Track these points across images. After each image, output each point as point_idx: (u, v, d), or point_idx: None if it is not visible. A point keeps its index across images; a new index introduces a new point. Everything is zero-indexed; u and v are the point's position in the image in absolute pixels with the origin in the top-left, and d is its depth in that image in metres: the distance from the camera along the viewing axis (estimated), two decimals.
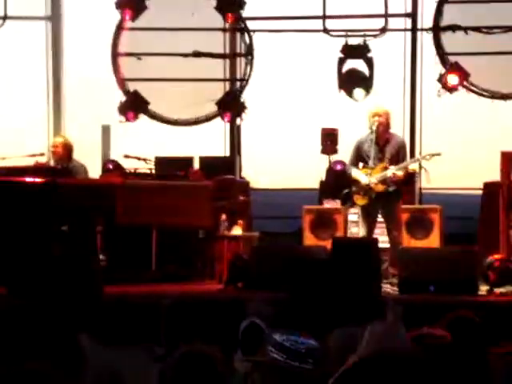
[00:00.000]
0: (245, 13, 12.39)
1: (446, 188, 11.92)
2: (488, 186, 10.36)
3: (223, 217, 10.20)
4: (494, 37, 11.88)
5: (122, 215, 9.08)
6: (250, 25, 12.60)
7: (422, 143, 12.30)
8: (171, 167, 10.67)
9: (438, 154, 9.19)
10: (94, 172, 10.70)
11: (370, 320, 3.26)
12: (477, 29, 11.82)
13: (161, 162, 10.95)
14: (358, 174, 9.16)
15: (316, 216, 10.52)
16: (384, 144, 9.13)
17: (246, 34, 12.59)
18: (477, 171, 11.32)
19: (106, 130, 12.00)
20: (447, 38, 12.06)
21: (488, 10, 11.92)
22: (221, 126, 12.73)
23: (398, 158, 9.10)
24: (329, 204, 10.77)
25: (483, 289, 8.54)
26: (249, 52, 12.58)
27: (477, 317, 4.34)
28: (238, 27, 12.59)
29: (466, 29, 11.83)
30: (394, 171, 8.97)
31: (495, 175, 10.06)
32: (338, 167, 10.90)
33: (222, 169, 11.29)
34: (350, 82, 11.81)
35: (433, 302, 7.77)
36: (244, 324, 5.00)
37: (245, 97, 12.40)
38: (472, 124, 12.09)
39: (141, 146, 11.45)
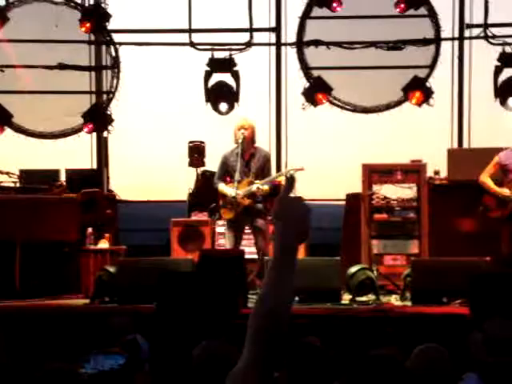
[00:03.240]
0: (110, 25, 12.33)
1: (310, 199, 12.14)
2: (350, 198, 10.63)
3: (89, 230, 10.11)
4: (356, 52, 12.21)
5: None
6: (116, 37, 12.55)
7: (287, 156, 12.51)
8: (36, 180, 10.49)
9: (302, 169, 9.35)
10: None
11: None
12: (338, 44, 12.14)
13: (26, 175, 10.74)
14: (225, 188, 9.20)
15: (184, 228, 10.55)
16: (249, 158, 9.20)
17: (112, 47, 12.53)
18: (340, 183, 11.58)
19: None
20: (310, 53, 12.34)
21: (349, 26, 12.26)
22: (88, 139, 12.61)
23: (263, 171, 9.17)
24: (197, 216, 10.82)
25: (346, 298, 8.76)
26: (115, 65, 12.52)
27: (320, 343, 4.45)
28: (103, 40, 12.52)
29: (328, 44, 12.13)
30: (259, 186, 9.01)
31: (357, 187, 10.34)
32: None
33: (89, 182, 11.17)
34: (217, 95, 11.92)
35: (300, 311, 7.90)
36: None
37: (112, 109, 12.33)
38: (335, 136, 12.39)
39: (5, 160, 11.20)
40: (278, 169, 11.44)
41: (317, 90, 11.83)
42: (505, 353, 4.09)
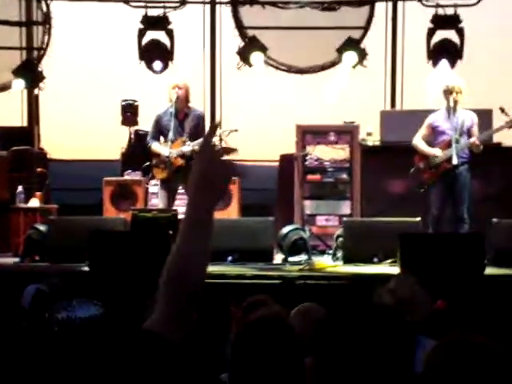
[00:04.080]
0: None
1: (244, 160, 12.15)
2: (284, 159, 10.65)
3: (20, 188, 9.96)
4: (291, 12, 12.18)
5: None
6: None
7: (222, 116, 12.46)
8: None
9: (235, 130, 9.32)
10: None
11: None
12: (273, 3, 12.08)
13: None
14: (158, 148, 9.13)
15: (116, 188, 10.47)
16: (183, 118, 9.12)
17: (43, 2, 12.28)
18: (274, 143, 11.60)
19: None
20: (245, 12, 12.26)
21: None
22: (18, 96, 12.38)
23: (197, 131, 9.08)
24: (129, 176, 10.74)
25: (278, 258, 8.81)
26: (46, 20, 12.27)
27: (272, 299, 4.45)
28: None
29: (263, 3, 12.06)
30: (191, 147, 8.94)
31: (291, 147, 10.37)
32: None
33: (20, 139, 10.99)
34: (150, 53, 11.78)
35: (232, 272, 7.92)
36: (31, 290, 4.88)
37: (43, 66, 12.10)
38: (270, 97, 12.37)
39: None
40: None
41: (251, 50, 11.76)
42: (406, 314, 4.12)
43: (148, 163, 9.65)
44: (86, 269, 7.72)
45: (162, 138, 9.20)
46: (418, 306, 4.14)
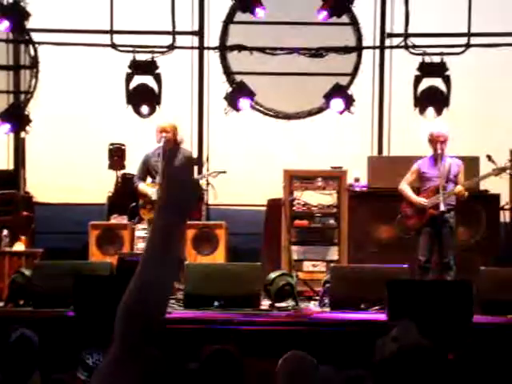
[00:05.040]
0: (30, 24, 12.09)
1: (231, 204, 12.16)
2: (271, 203, 10.63)
3: (5, 232, 9.89)
4: (279, 58, 12.25)
5: None
6: (36, 37, 12.32)
7: (209, 160, 12.45)
8: None
9: (224, 172, 9.33)
10: None
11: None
12: (261, 49, 12.15)
13: None
14: (145, 188, 9.12)
15: (102, 231, 10.41)
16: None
17: (31, 46, 12.31)
18: (261, 188, 11.59)
19: None
20: (233, 58, 12.33)
21: (272, 31, 12.29)
22: (5, 139, 12.35)
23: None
24: (116, 220, 10.69)
25: (265, 303, 8.75)
26: (34, 64, 12.29)
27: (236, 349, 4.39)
28: (22, 39, 12.28)
29: (250, 49, 12.13)
30: None
31: (279, 192, 10.36)
32: None
33: (5, 183, 10.95)
34: (138, 97, 11.80)
35: (218, 317, 7.86)
36: (14, 335, 4.81)
37: (30, 110, 12.09)
38: (257, 142, 12.40)
39: None
40: (200, 172, 11.39)
41: (239, 95, 11.80)
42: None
43: (135, 204, 9.63)
44: (72, 314, 7.64)
45: (149, 179, 9.19)
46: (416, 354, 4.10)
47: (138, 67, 11.95)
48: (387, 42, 12.59)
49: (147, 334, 1.91)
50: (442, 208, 8.77)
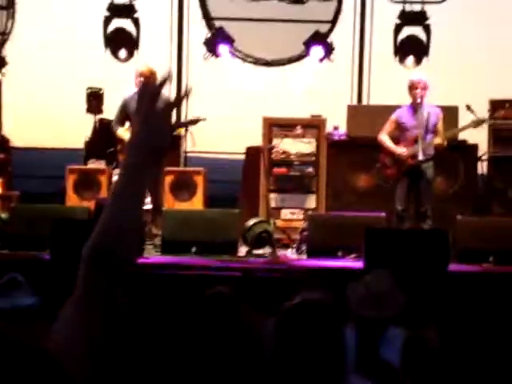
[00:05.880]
0: None
1: (210, 152, 12.12)
2: (250, 151, 10.60)
3: None
4: (259, 4, 12.13)
5: None
6: None
7: (188, 106, 12.37)
8: None
9: (204, 119, 9.28)
10: None
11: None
12: None
13: None
14: (123, 133, 9.06)
15: (80, 176, 10.36)
16: None
17: None
18: (240, 136, 11.56)
19: None
20: (213, 3, 12.19)
21: None
22: None
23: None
24: (93, 164, 10.63)
25: (243, 250, 8.77)
26: (10, 5, 12.10)
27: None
28: None
29: None
30: None
31: (258, 140, 10.33)
32: None
33: None
34: (116, 41, 11.68)
35: (195, 264, 7.87)
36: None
37: (6, 51, 11.93)
38: (236, 89, 12.31)
39: None
40: (178, 119, 11.32)
41: (218, 41, 11.70)
42: (379, 309, 4.12)
43: (113, 149, 9.57)
44: (48, 257, 7.63)
45: (127, 124, 9.13)
46: (390, 301, 4.14)
47: (116, 10, 11.82)
48: None
49: (113, 277, 1.83)
50: (421, 158, 8.78)
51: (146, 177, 1.86)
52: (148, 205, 9.18)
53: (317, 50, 11.50)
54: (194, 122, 9.34)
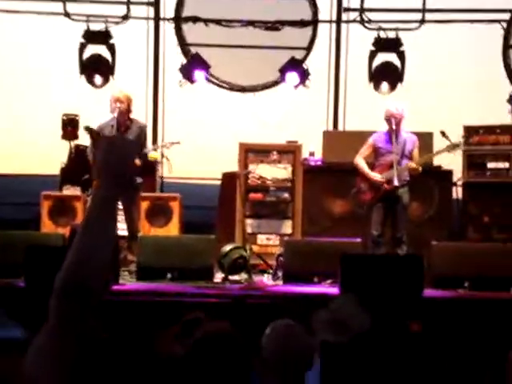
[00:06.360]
0: None
1: (186, 178, 12.11)
2: (226, 176, 10.61)
3: None
4: (234, 30, 12.18)
5: None
6: None
7: (164, 132, 12.40)
8: None
9: (178, 143, 9.30)
10: None
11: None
12: (217, 21, 12.07)
13: None
14: None
15: (55, 202, 10.31)
16: (125, 130, 9.00)
17: None
18: (216, 161, 11.56)
19: None
20: (189, 29, 12.23)
21: (228, 3, 12.22)
22: None
23: (138, 140, 8.88)
24: (69, 191, 10.58)
25: (219, 276, 8.75)
26: None
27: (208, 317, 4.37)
28: None
29: (206, 21, 12.04)
30: None
31: (234, 166, 10.34)
32: None
33: None
34: (91, 67, 11.68)
35: (171, 290, 7.84)
36: None
37: None
38: (212, 114, 12.34)
39: None
40: (155, 143, 11.34)
41: (194, 67, 11.72)
42: (343, 332, 4.12)
43: (87, 176, 9.53)
44: (22, 285, 7.57)
45: None
46: (354, 323, 4.13)
47: (91, 37, 11.82)
48: (343, 17, 12.58)
49: (84, 308, 1.87)
50: (396, 183, 8.82)
51: (113, 206, 1.89)
52: (124, 231, 9.15)
53: (292, 76, 11.55)
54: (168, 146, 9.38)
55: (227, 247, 8.98)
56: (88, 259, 1.88)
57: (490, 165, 10.30)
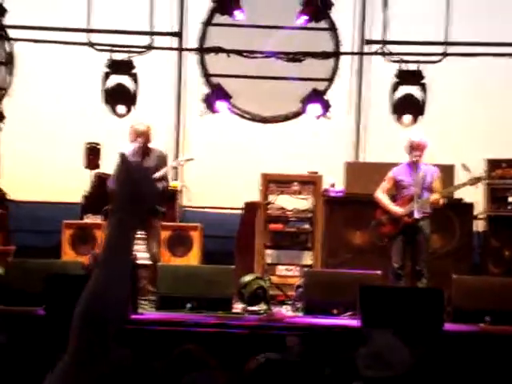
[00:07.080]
0: (6, 20, 12.01)
1: (206, 207, 12.12)
2: (247, 206, 10.62)
3: None
4: (256, 61, 12.24)
5: None
6: (12, 33, 12.23)
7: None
8: None
9: (192, 159, 9.29)
10: None
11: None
12: (239, 52, 12.13)
13: None
14: None
15: (76, 231, 10.35)
16: (143, 158, 9.00)
17: (7, 42, 12.22)
18: (237, 191, 11.58)
19: None
20: (211, 60, 12.31)
21: (251, 35, 12.28)
22: None
23: (156, 169, 8.86)
24: (90, 219, 10.62)
25: (238, 307, 8.73)
26: (9, 60, 12.20)
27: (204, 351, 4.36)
28: None
29: (228, 51, 12.11)
30: None
31: (255, 195, 10.36)
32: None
33: None
34: (114, 97, 11.77)
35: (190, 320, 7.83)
36: None
37: (4, 106, 11.99)
38: (234, 145, 12.38)
39: None
40: (176, 177, 11.38)
41: (216, 98, 11.78)
42: (384, 368, 4.08)
43: (108, 206, 9.56)
44: (42, 313, 7.59)
45: None
46: (396, 359, 4.10)
47: (115, 67, 11.92)
48: (365, 49, 12.62)
49: (103, 337, 1.88)
50: (416, 216, 8.80)
51: (130, 236, 1.92)
52: (144, 260, 9.17)
53: (314, 108, 11.58)
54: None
55: (247, 277, 8.98)
56: (105, 292, 1.90)
57: None
